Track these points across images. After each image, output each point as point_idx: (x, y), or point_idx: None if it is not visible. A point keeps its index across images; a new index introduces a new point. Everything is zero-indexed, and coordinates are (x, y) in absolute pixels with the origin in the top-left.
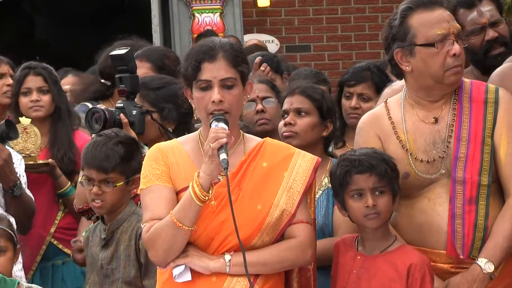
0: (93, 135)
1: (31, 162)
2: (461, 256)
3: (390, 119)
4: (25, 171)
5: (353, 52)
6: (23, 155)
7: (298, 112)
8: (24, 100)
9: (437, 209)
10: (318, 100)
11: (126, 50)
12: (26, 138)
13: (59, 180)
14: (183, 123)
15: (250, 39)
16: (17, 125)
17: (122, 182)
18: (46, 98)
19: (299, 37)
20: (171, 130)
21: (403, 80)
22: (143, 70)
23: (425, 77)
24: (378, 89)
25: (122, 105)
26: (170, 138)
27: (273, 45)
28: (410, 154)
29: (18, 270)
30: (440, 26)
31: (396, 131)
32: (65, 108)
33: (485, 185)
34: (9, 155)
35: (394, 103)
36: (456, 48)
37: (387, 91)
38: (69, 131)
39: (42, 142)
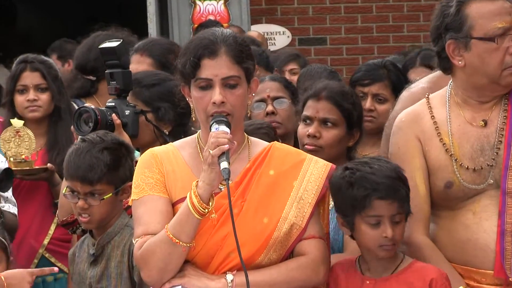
0: (77, 140)
1: (27, 168)
2: (510, 278)
3: (433, 119)
4: (20, 178)
5: (374, 46)
6: (18, 160)
7: (324, 122)
8: (19, 99)
9: (483, 225)
10: (348, 110)
11: (118, 42)
12: (19, 142)
13: (57, 187)
14: (179, 124)
15: (251, 31)
16: (8, 128)
17: (111, 194)
18: (44, 97)
19: (314, 28)
20: (167, 133)
21: (423, 80)
22: (143, 66)
23: (479, 74)
24: (395, 89)
25: (113, 104)
26: (166, 142)
27: (284, 38)
28: (455, 160)
29: None
30: (502, 19)
31: (439, 133)
32: (66, 107)
33: None
34: None
35: (438, 100)
36: None
37: (404, 94)
38: (70, 133)
39: (37, 144)
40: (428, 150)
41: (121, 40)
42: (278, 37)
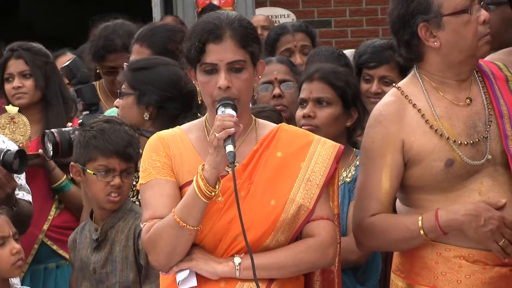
0: (90, 122)
1: None
2: None
3: (416, 107)
4: None
5: (379, 28)
6: None
7: (319, 101)
8: (7, 87)
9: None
10: (341, 88)
11: (70, 60)
12: (13, 129)
13: (53, 173)
14: (163, 108)
15: (258, 15)
16: (3, 114)
17: (137, 173)
18: (28, 83)
19: (318, 11)
20: (147, 116)
21: None
22: (143, 56)
23: (457, 50)
24: (403, 71)
25: (81, 120)
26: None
27: (288, 20)
28: (453, 141)
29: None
30: None
31: (427, 120)
32: (55, 93)
33: None
34: (14, 188)
35: (412, 89)
36: (485, 13)
37: None
38: (63, 119)
39: (32, 131)
40: (415, 140)
41: (74, 57)
42: (283, 20)
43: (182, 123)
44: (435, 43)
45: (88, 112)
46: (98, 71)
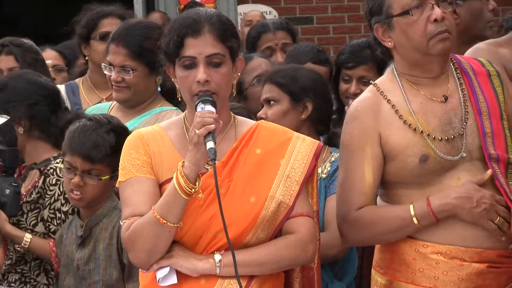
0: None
1: None
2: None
3: (390, 102)
4: None
5: (361, 25)
6: None
7: (268, 102)
8: None
9: None
10: (285, 84)
11: (5, 120)
12: None
13: None
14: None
15: (251, 10)
16: None
17: (108, 176)
18: None
19: (300, 7)
20: (22, 130)
21: None
22: (119, 57)
23: (409, 50)
24: (381, 71)
25: None
26: None
27: (270, 17)
28: (427, 135)
29: None
30: None
31: (401, 115)
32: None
33: None
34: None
35: (388, 84)
36: (437, 12)
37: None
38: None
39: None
40: (390, 134)
41: (8, 118)
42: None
43: (57, 123)
44: (389, 43)
45: (3, 174)
46: (86, 57)
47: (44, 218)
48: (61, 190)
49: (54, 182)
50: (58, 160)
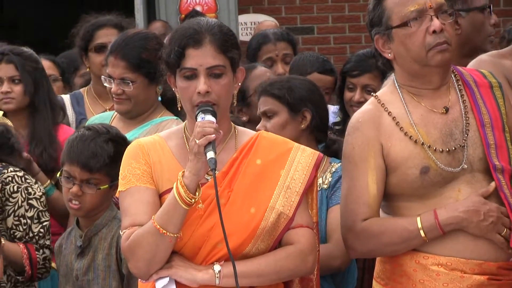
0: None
1: None
2: None
3: (390, 115)
4: None
5: (362, 35)
6: None
7: (266, 114)
8: None
9: None
10: (282, 96)
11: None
12: None
13: (37, 177)
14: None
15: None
16: None
17: (107, 186)
18: (17, 89)
19: (301, 17)
20: None
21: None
22: (118, 69)
23: (408, 61)
24: (385, 80)
25: None
26: None
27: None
28: (428, 146)
29: None
30: (414, 2)
31: (402, 127)
32: (44, 99)
33: None
34: None
35: (389, 96)
36: (436, 24)
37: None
38: (49, 125)
39: (19, 136)
40: (391, 146)
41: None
42: None
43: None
44: (389, 55)
45: None
46: (88, 68)
47: (8, 226)
48: (24, 196)
49: (15, 189)
50: (11, 168)
